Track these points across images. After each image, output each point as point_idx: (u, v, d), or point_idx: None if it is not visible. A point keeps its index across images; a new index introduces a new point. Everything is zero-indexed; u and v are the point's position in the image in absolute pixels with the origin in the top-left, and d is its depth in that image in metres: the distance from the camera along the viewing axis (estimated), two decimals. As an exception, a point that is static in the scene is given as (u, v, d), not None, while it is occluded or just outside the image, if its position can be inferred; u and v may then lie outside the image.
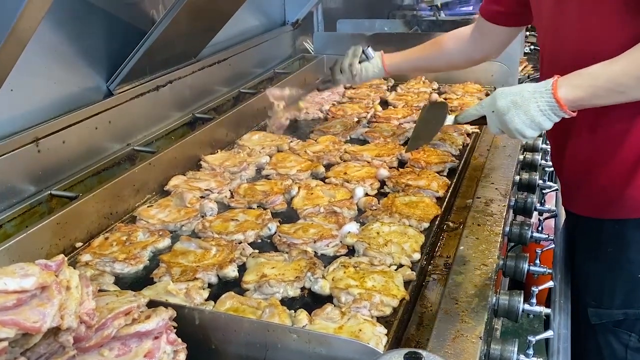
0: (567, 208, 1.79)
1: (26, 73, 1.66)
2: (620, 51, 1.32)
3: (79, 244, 1.60)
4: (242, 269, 1.49)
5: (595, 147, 1.56)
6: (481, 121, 1.56)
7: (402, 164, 2.11)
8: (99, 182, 1.85)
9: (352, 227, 1.65)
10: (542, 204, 2.03)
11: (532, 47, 3.62)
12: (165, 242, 1.62)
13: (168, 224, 1.71)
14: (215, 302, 1.34)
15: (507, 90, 1.45)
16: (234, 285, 1.44)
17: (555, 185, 2.10)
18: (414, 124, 2.03)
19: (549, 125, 1.41)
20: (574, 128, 1.56)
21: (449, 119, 1.67)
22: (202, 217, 1.74)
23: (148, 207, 1.80)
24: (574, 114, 1.38)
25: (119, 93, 2.04)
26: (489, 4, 1.91)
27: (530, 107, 1.39)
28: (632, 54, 1.30)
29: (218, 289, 1.42)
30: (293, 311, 1.30)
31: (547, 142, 2.38)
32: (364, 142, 2.34)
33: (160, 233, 1.64)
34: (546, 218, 1.99)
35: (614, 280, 1.62)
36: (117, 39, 2.04)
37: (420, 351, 0.88)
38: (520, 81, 2.97)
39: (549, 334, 1.38)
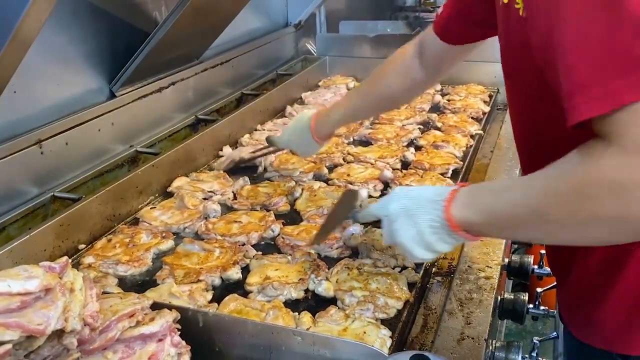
0: (567, 327, 1.28)
1: (29, 75, 1.66)
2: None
3: (82, 246, 1.60)
4: (246, 271, 1.49)
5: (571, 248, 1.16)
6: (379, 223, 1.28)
7: (405, 165, 2.10)
8: (102, 184, 1.85)
9: (356, 229, 1.64)
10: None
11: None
12: (169, 244, 1.62)
13: (171, 225, 1.70)
14: (218, 304, 1.34)
15: (404, 191, 1.16)
16: (238, 287, 1.43)
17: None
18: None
19: (442, 249, 1.10)
20: None
21: (354, 214, 1.41)
22: (205, 219, 1.74)
23: (151, 208, 1.80)
24: (474, 239, 1.06)
25: (122, 95, 2.04)
26: (449, 19, 1.47)
27: (421, 219, 1.08)
28: (536, 177, 0.96)
29: (221, 291, 1.42)
30: (297, 313, 1.30)
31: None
32: (367, 143, 2.34)
33: (164, 235, 1.64)
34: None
35: None
36: (119, 40, 2.03)
37: (426, 354, 0.87)
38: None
39: (552, 335, 1.37)
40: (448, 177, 1.97)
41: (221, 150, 2.22)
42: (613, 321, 1.11)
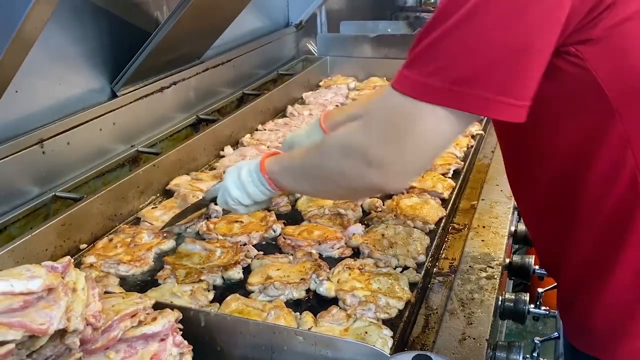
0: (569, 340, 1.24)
1: (31, 75, 1.66)
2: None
3: (83, 246, 1.60)
4: (247, 270, 1.49)
5: (553, 250, 1.19)
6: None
7: (406, 165, 2.10)
8: (104, 184, 1.85)
9: (357, 229, 1.65)
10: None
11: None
12: (170, 243, 1.62)
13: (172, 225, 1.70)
14: (220, 304, 1.34)
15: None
16: (239, 287, 1.43)
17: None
18: None
19: (254, 192, 1.31)
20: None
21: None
22: (207, 219, 1.74)
23: (152, 208, 1.80)
24: (276, 190, 1.30)
25: (123, 94, 2.04)
26: None
27: (244, 167, 1.33)
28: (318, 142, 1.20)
29: (223, 291, 1.42)
30: (298, 313, 1.30)
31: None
32: (368, 143, 2.33)
33: (165, 235, 1.64)
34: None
35: None
36: (121, 40, 2.04)
37: (429, 354, 0.87)
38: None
39: (554, 335, 1.37)
40: (449, 177, 1.97)
41: (222, 150, 2.22)
42: (601, 328, 1.10)
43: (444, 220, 1.71)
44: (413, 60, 0.92)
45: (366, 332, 1.22)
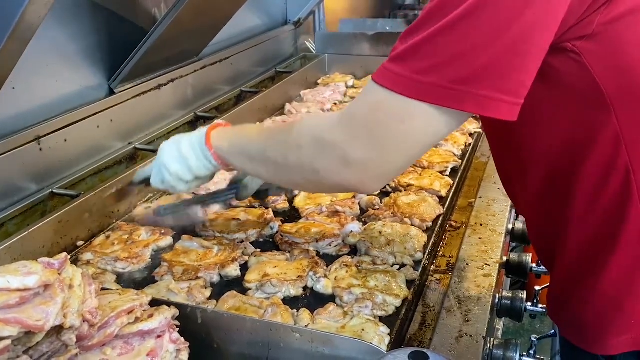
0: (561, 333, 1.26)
1: (28, 71, 1.66)
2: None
3: (80, 243, 1.60)
4: (244, 268, 1.49)
5: (547, 245, 1.19)
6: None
7: (404, 163, 2.10)
8: (101, 181, 1.85)
9: (355, 226, 1.65)
10: (544, 204, 2.03)
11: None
12: (167, 240, 1.62)
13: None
14: (217, 301, 1.34)
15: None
16: (236, 285, 1.43)
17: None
18: None
19: (196, 165, 1.27)
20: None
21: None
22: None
23: (145, 208, 1.79)
24: (222, 166, 1.26)
25: (121, 91, 2.04)
26: None
27: (184, 140, 1.29)
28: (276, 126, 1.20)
29: (220, 288, 1.42)
30: (295, 310, 1.30)
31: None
32: (365, 141, 2.33)
33: (162, 232, 1.64)
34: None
35: None
36: (118, 37, 2.03)
37: (425, 350, 0.87)
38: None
39: (551, 333, 1.37)
40: (447, 175, 1.98)
41: (220, 147, 2.22)
42: (592, 322, 1.11)
43: (441, 218, 1.71)
44: (402, 55, 0.89)
45: (363, 330, 1.22)
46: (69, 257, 1.06)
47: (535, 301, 1.47)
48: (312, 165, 1.00)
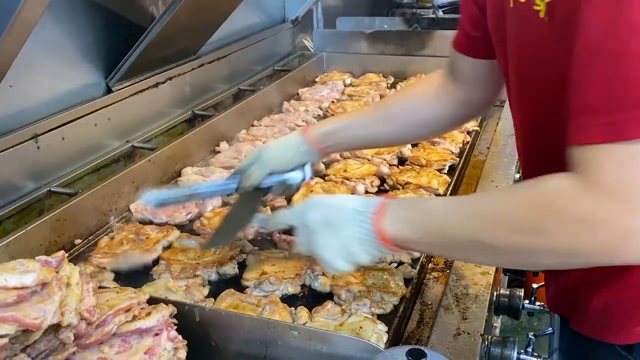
0: (547, 304, 1.30)
1: (25, 69, 1.65)
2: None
3: (78, 241, 1.60)
4: (242, 266, 1.49)
5: None
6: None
7: (402, 161, 2.11)
8: (99, 179, 1.84)
9: (352, 224, 1.64)
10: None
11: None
12: (175, 234, 1.62)
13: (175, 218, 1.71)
14: (215, 299, 1.34)
15: (324, 201, 1.10)
16: (234, 283, 1.43)
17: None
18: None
19: (365, 260, 1.05)
20: None
21: (258, 218, 1.37)
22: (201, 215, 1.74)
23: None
24: (404, 251, 1.06)
25: (118, 90, 2.04)
26: (468, 33, 1.30)
27: (347, 230, 1.02)
28: (481, 199, 1.01)
29: (218, 286, 1.42)
30: (293, 308, 1.30)
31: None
32: (363, 139, 2.33)
33: (168, 230, 1.63)
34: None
35: None
36: (116, 35, 2.03)
37: (423, 348, 0.87)
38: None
39: (549, 332, 1.38)
40: (445, 173, 1.98)
41: (218, 145, 2.22)
42: (617, 312, 1.09)
43: (439, 216, 1.70)
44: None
45: (361, 327, 1.22)
46: (68, 255, 1.07)
47: (532, 299, 1.47)
48: (572, 247, 0.83)
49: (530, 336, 1.29)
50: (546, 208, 0.84)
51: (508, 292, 1.46)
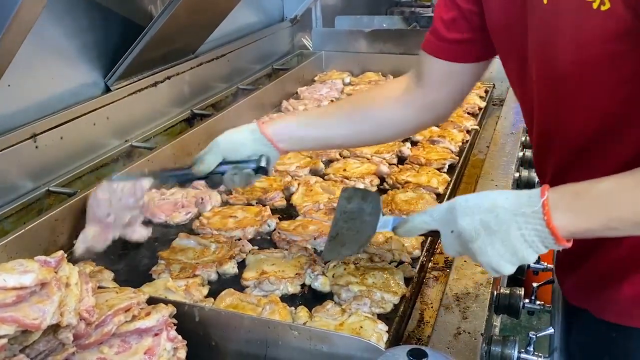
0: (564, 293, 1.32)
1: (23, 68, 1.65)
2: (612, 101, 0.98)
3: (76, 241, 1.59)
4: (242, 265, 1.48)
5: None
6: (433, 234, 1.16)
7: (401, 160, 2.10)
8: (98, 179, 1.84)
9: (352, 223, 1.64)
10: (541, 201, 2.02)
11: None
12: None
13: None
14: (214, 299, 1.34)
15: (472, 203, 1.03)
16: (234, 282, 1.43)
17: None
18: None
19: (533, 259, 1.01)
20: None
21: (384, 222, 1.23)
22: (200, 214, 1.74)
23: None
24: (569, 245, 0.98)
25: (117, 89, 2.03)
26: (444, 36, 1.28)
27: (511, 234, 0.98)
28: None
29: (217, 286, 1.42)
30: (293, 308, 1.29)
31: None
32: (363, 138, 2.33)
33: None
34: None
35: None
36: (115, 34, 2.02)
37: (424, 348, 0.87)
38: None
39: (549, 331, 1.37)
40: (444, 172, 1.97)
41: (217, 145, 2.21)
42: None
43: (439, 215, 1.70)
44: None
45: (361, 327, 1.22)
46: (65, 254, 1.06)
47: (532, 298, 1.47)
48: None
49: (531, 335, 1.28)
50: None
51: (508, 292, 1.45)
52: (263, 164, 1.38)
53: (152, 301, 1.13)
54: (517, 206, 0.98)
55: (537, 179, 2.06)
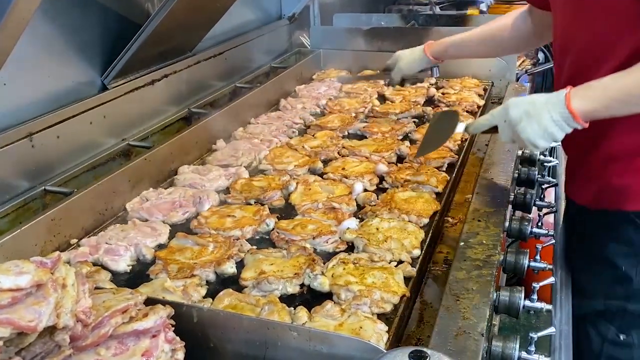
0: (566, 193, 1.80)
1: (20, 67, 1.64)
2: (626, 59, 1.35)
3: (73, 241, 1.58)
4: (240, 265, 1.47)
5: (591, 135, 1.53)
6: (492, 130, 1.61)
7: (400, 159, 2.09)
8: (94, 178, 1.83)
9: (351, 223, 1.63)
10: (541, 199, 2.02)
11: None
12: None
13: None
14: (213, 300, 1.32)
15: (519, 100, 1.49)
16: (232, 282, 1.42)
17: (554, 180, 2.10)
18: (420, 125, 2.20)
19: (561, 136, 1.42)
20: None
21: (460, 127, 1.76)
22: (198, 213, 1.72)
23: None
24: (586, 125, 1.39)
25: (114, 87, 2.02)
26: None
27: (543, 117, 1.41)
28: None
29: (216, 286, 1.41)
30: (292, 308, 1.28)
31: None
32: (361, 137, 2.32)
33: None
34: (546, 213, 1.98)
35: (599, 271, 1.64)
36: (112, 32, 2.01)
37: (425, 349, 0.86)
38: (518, 76, 2.96)
39: (550, 330, 1.36)
40: (443, 171, 1.96)
41: (215, 143, 2.20)
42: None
43: (438, 214, 1.70)
44: None
45: (361, 327, 1.21)
46: (62, 255, 1.05)
47: (533, 298, 1.46)
48: None
49: (532, 335, 1.27)
50: None
51: (508, 291, 1.44)
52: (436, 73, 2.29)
53: (150, 302, 1.11)
54: (548, 98, 1.43)
55: (537, 177, 2.07)
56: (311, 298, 1.37)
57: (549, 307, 1.46)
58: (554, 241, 1.78)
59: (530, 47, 2.31)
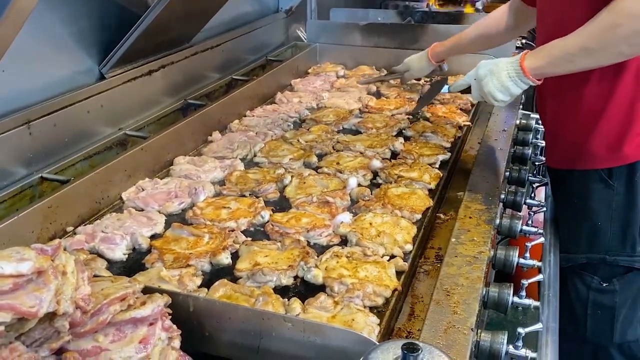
0: (547, 163, 2.07)
1: (18, 55, 1.63)
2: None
3: (69, 228, 1.59)
4: (235, 257, 1.49)
5: (559, 109, 1.86)
6: (468, 90, 1.93)
7: (394, 155, 2.12)
8: (91, 166, 1.84)
9: (345, 217, 1.65)
10: (531, 198, 2.05)
11: (523, 41, 3.63)
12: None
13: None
14: (208, 289, 1.34)
15: (487, 61, 1.80)
16: (227, 273, 1.44)
17: (545, 179, 2.13)
18: (414, 121, 2.43)
19: (516, 91, 1.73)
20: (544, 92, 1.90)
21: (445, 88, 2.20)
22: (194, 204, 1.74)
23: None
24: (539, 82, 1.68)
25: (112, 77, 2.02)
26: None
27: (502, 74, 1.71)
28: (582, 29, 1.55)
29: (211, 277, 1.42)
30: (286, 300, 1.31)
31: (537, 136, 2.42)
32: (356, 132, 2.34)
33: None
34: (536, 212, 2.01)
35: (579, 227, 1.90)
36: (110, 22, 2.01)
37: (417, 342, 0.89)
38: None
39: (538, 326, 1.39)
40: (436, 168, 1.99)
41: (210, 135, 2.21)
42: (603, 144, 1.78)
43: (430, 210, 1.72)
44: None
45: (353, 319, 1.23)
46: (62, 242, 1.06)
47: (521, 294, 1.49)
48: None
49: (519, 331, 1.30)
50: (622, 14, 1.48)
51: (497, 287, 1.47)
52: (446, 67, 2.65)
53: (147, 291, 1.13)
54: (510, 59, 1.73)
55: (527, 175, 2.10)
56: (304, 290, 1.39)
57: (537, 303, 1.49)
58: (543, 239, 1.82)
59: (513, 37, 2.57)
